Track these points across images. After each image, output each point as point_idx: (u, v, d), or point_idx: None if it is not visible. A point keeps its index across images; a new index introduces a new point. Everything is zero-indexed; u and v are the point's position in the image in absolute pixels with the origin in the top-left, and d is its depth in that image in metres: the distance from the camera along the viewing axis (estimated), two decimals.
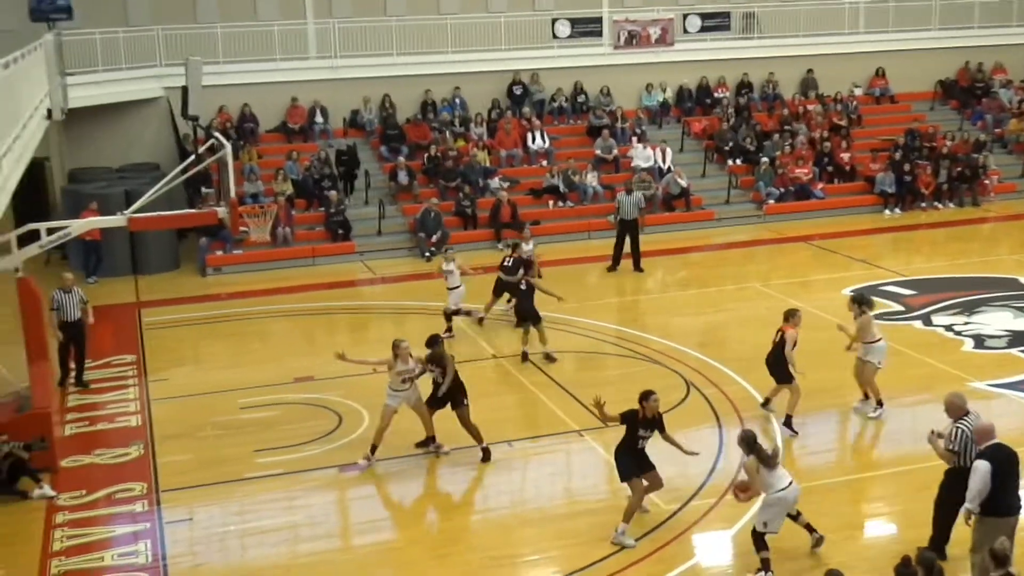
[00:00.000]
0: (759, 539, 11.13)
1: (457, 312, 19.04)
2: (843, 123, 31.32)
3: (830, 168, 29.60)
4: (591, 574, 11.34)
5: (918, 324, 19.33)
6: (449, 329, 18.74)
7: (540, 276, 19.78)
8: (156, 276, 24.60)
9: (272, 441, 14.99)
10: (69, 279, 17.32)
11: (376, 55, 29.26)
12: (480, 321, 19.71)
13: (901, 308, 20.31)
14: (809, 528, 11.53)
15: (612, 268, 23.62)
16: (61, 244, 18.60)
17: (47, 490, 13.44)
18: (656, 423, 12.16)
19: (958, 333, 18.77)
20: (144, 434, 15.45)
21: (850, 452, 14.89)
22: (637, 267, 23.53)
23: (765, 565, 11.01)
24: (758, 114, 31.57)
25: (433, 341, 14.25)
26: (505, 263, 19.25)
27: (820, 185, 29.11)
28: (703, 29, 32.16)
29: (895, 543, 11.62)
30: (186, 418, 15.99)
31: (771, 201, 28.33)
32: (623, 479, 12.20)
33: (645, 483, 12.15)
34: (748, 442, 11.24)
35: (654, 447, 12.31)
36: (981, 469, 10.03)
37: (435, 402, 14.26)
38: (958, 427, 10.79)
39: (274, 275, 24.09)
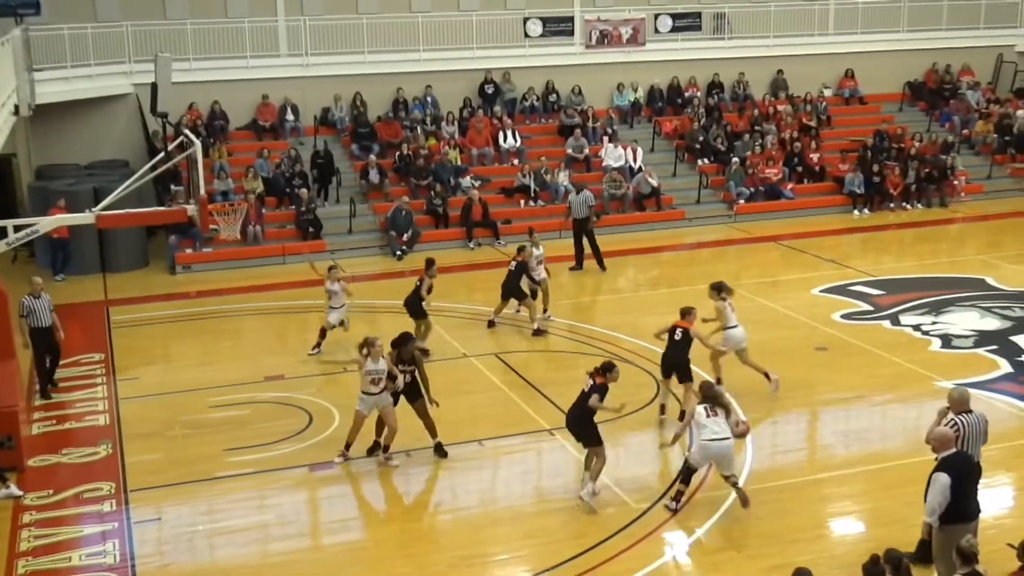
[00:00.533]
0: (686, 471, 12.50)
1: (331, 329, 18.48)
2: (813, 124, 31.52)
3: (800, 168, 29.78)
4: (562, 573, 11.36)
5: (886, 324, 19.48)
6: (318, 345, 18.37)
7: (548, 275, 20.30)
8: (125, 274, 24.42)
9: (242, 440, 14.93)
10: (38, 284, 16.86)
11: (347, 53, 29.17)
12: (490, 324, 19.64)
13: (870, 308, 20.46)
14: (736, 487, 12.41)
15: (576, 267, 23.65)
16: (28, 242, 18.43)
17: (13, 489, 13.33)
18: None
19: (926, 333, 18.93)
20: (112, 433, 15.35)
21: (818, 451, 14.98)
22: (601, 266, 23.57)
23: (677, 497, 12.49)
24: (729, 114, 31.72)
25: (403, 340, 14.19)
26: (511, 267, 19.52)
27: (790, 185, 29.27)
28: (674, 29, 32.26)
29: (863, 541, 11.70)
30: (155, 417, 15.90)
31: (741, 201, 28.47)
32: (597, 444, 12.78)
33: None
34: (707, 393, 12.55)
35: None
36: (941, 482, 9.84)
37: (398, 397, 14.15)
38: (960, 418, 10.81)
39: (244, 273, 23.99)
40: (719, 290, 16.10)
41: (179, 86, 23.20)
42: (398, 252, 25.02)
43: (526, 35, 30.91)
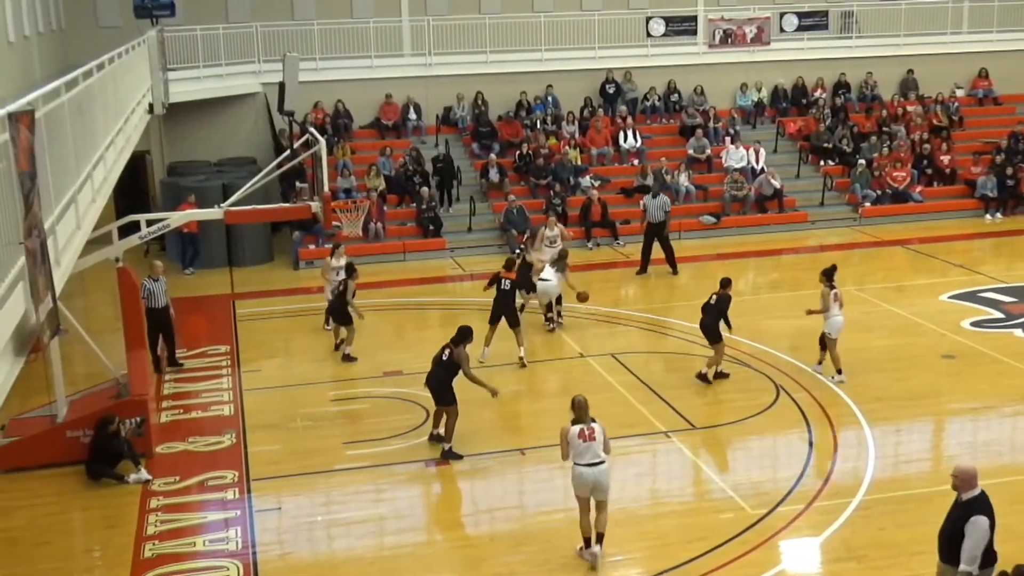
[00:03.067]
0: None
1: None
2: (944, 125, 30.60)
3: (929, 171, 28.95)
4: None
5: (1018, 332, 18.79)
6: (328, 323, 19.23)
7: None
8: (250, 268, 25.05)
9: (360, 434, 15.17)
10: (158, 267, 17.82)
11: (470, 53, 29.42)
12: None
13: (1001, 315, 19.77)
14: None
15: (641, 271, 23.35)
16: (160, 236, 19.08)
17: (143, 474, 13.77)
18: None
19: None
20: (237, 423, 15.74)
21: (943, 461, 14.52)
22: (673, 269, 23.28)
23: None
24: (855, 115, 31.02)
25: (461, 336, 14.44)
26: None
27: (918, 188, 28.47)
28: (800, 28, 31.72)
29: None
30: (277, 409, 16.24)
31: (867, 204, 27.81)
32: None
33: None
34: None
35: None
36: (982, 526, 8.95)
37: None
38: None
39: (365, 270, 24.12)
40: (829, 276, 16.46)
41: (305, 85, 23.73)
42: (517, 250, 25.07)
43: (648, 34, 30.72)
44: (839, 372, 16.37)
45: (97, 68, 13.23)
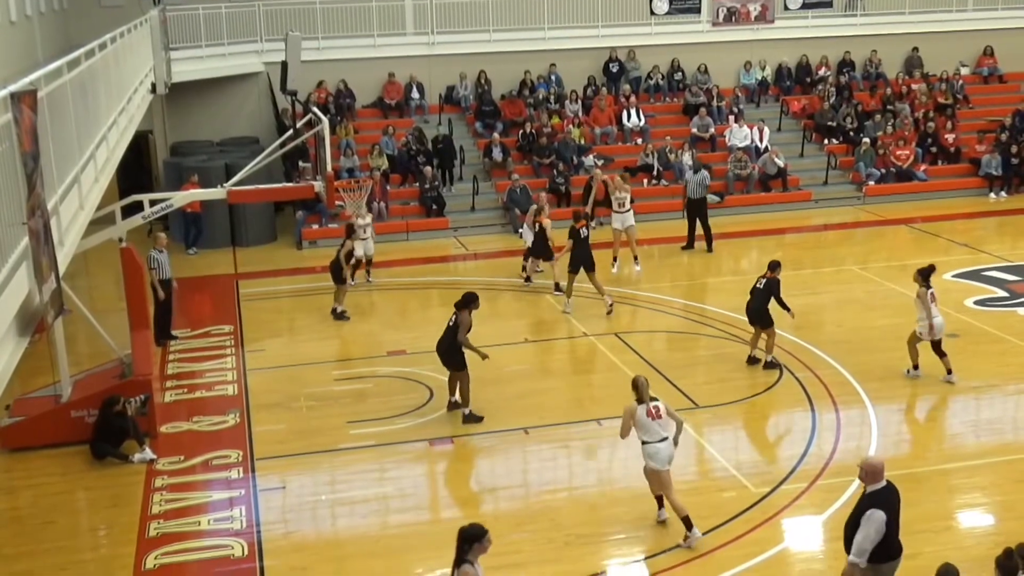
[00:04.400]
0: None
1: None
2: (948, 103, 30.50)
3: (934, 149, 28.86)
4: (678, 555, 11.28)
5: (1022, 311, 18.78)
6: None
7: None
8: (254, 248, 25.05)
9: (364, 413, 15.19)
10: (163, 239, 18.07)
11: (473, 31, 29.34)
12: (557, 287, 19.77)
13: (1005, 294, 19.76)
14: None
15: (687, 247, 23.47)
16: (163, 216, 19.07)
17: (148, 453, 13.82)
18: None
19: None
20: (241, 403, 15.78)
21: (946, 440, 14.55)
22: (709, 247, 23.27)
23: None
24: (859, 93, 30.90)
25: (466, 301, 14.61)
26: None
27: (923, 167, 28.40)
28: (804, 6, 31.58)
29: (993, 535, 11.35)
30: (281, 388, 16.28)
31: (871, 182, 27.75)
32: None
33: None
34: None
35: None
36: (877, 520, 8.83)
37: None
38: None
39: None
40: (926, 276, 15.38)
41: (308, 64, 23.69)
42: (519, 230, 25.06)
43: (652, 12, 30.59)
44: (949, 372, 15.54)
45: (99, 48, 13.20)
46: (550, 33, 29.69)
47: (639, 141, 28.64)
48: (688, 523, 11.34)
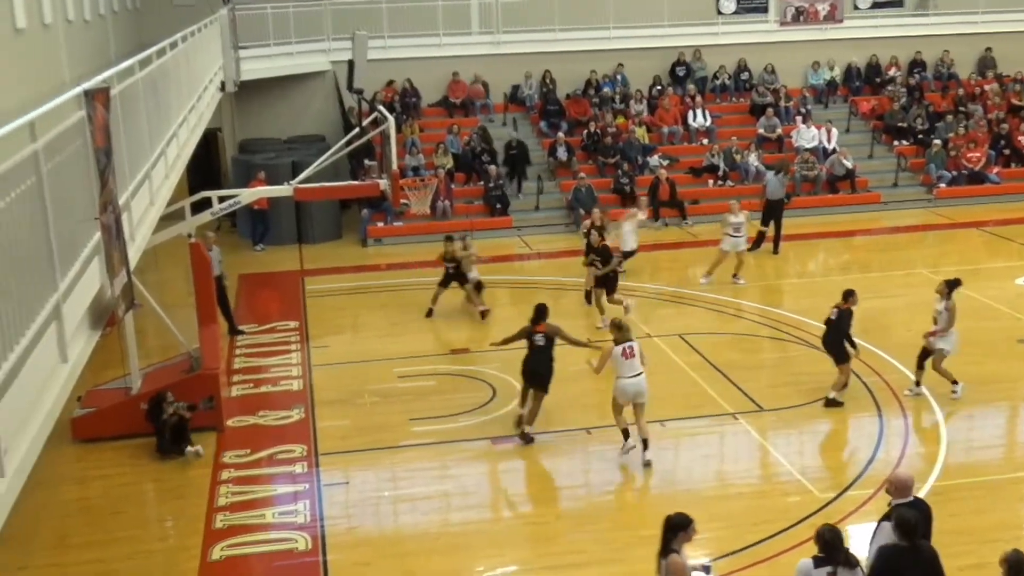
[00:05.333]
0: None
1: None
2: (1022, 104, 29.87)
3: (1007, 151, 28.28)
4: (742, 559, 11.17)
5: None
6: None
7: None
8: (319, 245, 25.26)
9: (426, 411, 15.25)
10: (211, 238, 18.06)
11: (538, 31, 29.31)
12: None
13: None
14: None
15: (752, 248, 23.14)
16: (231, 212, 19.32)
17: (198, 448, 13.96)
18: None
19: None
20: (305, 398, 15.91)
21: (1017, 448, 14.25)
22: (775, 249, 22.99)
23: None
24: (931, 94, 30.41)
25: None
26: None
27: (995, 169, 27.85)
28: (874, 5, 31.14)
29: None
30: (345, 384, 16.39)
31: (942, 185, 27.27)
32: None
33: None
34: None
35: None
36: (887, 532, 8.45)
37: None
38: None
39: (433, 247, 24.22)
40: (951, 288, 14.93)
41: (374, 63, 23.82)
42: (583, 230, 25.00)
43: (719, 12, 30.35)
44: (955, 383, 14.93)
45: (171, 46, 13.39)
46: (616, 32, 29.57)
47: (705, 141, 28.44)
48: (645, 445, 13.27)
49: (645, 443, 13.25)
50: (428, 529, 12.20)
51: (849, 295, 15.04)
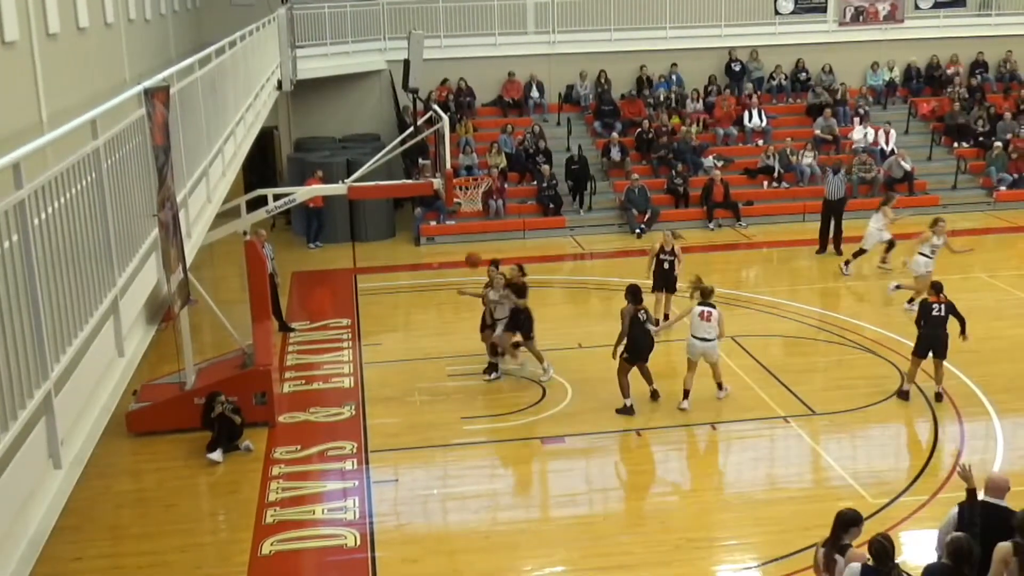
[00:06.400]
0: None
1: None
2: None
3: None
4: (790, 564, 11.08)
5: None
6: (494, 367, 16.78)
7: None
8: (373, 243, 25.41)
9: (477, 410, 15.30)
10: (263, 235, 18.03)
11: (593, 31, 29.28)
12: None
13: None
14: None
15: (820, 251, 22.98)
16: (286, 210, 19.48)
17: (248, 443, 14.14)
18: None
19: None
20: (356, 395, 16.02)
21: None
22: (838, 250, 22.76)
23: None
24: (992, 95, 29.92)
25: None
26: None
27: None
28: (936, 5, 30.71)
29: None
30: (396, 382, 16.48)
31: (1002, 187, 26.83)
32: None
33: None
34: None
35: None
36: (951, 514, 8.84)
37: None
38: None
39: (485, 246, 24.26)
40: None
41: (429, 63, 23.93)
42: (637, 230, 24.95)
43: (776, 12, 30.10)
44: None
45: (229, 45, 13.54)
46: (671, 32, 29.44)
47: (760, 142, 28.22)
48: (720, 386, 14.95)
49: (720, 384, 15.13)
50: (477, 527, 12.24)
51: (941, 287, 15.02)
